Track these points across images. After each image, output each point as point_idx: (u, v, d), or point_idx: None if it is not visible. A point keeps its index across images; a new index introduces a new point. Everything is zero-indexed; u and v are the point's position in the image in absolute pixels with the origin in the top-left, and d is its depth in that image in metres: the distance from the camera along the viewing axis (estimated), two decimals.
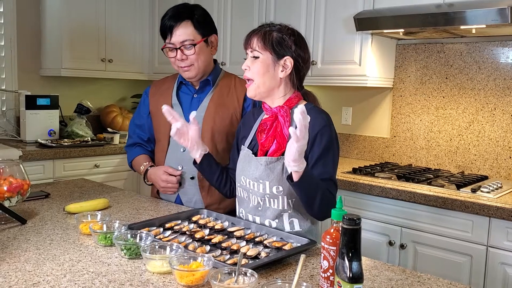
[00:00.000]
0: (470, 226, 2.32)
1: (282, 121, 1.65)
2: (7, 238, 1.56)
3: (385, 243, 2.61)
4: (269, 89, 1.66)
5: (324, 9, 3.19)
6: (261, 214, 1.68)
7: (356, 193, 2.69)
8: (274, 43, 1.63)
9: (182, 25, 1.97)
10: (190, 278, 1.22)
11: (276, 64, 1.64)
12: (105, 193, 2.24)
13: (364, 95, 3.48)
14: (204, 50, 2.02)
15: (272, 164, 1.63)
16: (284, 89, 1.68)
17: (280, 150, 1.63)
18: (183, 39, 1.97)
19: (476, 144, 2.97)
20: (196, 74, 2.04)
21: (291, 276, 1.32)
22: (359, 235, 1.08)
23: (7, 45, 3.81)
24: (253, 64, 1.65)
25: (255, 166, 1.67)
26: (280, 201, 1.64)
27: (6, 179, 1.75)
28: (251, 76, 1.66)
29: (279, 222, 1.66)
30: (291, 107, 1.67)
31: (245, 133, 1.82)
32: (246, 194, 1.72)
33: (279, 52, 1.63)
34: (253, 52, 1.65)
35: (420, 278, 1.35)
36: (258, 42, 1.64)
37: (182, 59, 1.99)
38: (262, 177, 1.64)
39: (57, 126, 3.81)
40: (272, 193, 1.63)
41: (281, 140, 1.64)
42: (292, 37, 1.65)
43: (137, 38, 4.30)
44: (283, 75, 1.65)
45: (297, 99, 1.69)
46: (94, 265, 1.35)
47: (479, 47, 2.93)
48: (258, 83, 1.65)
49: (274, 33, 1.64)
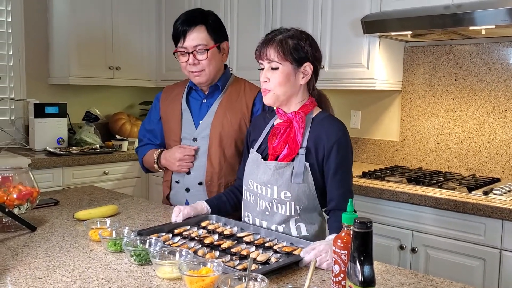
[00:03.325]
0: (482, 229, 2.29)
1: (297, 126, 1.64)
2: (17, 246, 1.56)
3: (396, 247, 2.58)
4: (288, 97, 1.65)
5: (331, 12, 3.18)
6: (268, 219, 1.67)
7: (366, 197, 2.67)
8: (293, 52, 1.60)
9: (196, 30, 1.96)
10: (200, 283, 1.21)
11: (297, 72, 1.63)
12: (114, 199, 2.24)
13: (373, 99, 3.46)
14: (216, 56, 2.02)
15: (282, 169, 1.62)
16: (301, 95, 1.68)
17: (291, 155, 1.62)
18: (196, 44, 1.96)
19: (487, 146, 2.94)
20: (206, 80, 2.03)
21: (302, 281, 1.31)
22: (370, 238, 1.07)
23: (15, 55, 3.84)
24: (273, 75, 1.62)
25: (264, 171, 1.66)
26: (288, 207, 1.62)
27: (16, 186, 1.76)
28: (272, 87, 1.63)
29: (286, 227, 1.65)
30: (306, 113, 1.66)
31: (255, 136, 1.81)
32: (253, 198, 1.71)
33: (299, 60, 1.61)
34: (271, 63, 1.61)
35: (433, 282, 1.33)
36: (276, 53, 1.60)
37: (194, 63, 1.98)
38: (270, 182, 1.63)
39: (65, 134, 3.83)
40: (280, 198, 1.62)
41: (293, 145, 1.63)
42: (307, 41, 1.64)
43: (144, 46, 4.31)
44: (304, 82, 1.64)
45: (312, 106, 1.69)
46: (104, 271, 1.35)
47: (489, 48, 2.91)
48: (278, 94, 1.63)
49: (289, 40, 1.61)
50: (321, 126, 1.64)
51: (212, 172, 2.03)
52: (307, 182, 1.61)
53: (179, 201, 2.11)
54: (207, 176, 2.04)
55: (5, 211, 1.65)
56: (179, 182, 2.11)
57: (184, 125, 2.09)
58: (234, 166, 2.04)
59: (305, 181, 1.60)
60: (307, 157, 1.62)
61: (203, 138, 2.05)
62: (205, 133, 2.04)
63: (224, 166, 2.03)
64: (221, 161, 2.03)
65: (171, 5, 4.24)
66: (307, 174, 1.61)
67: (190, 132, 2.08)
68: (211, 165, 2.03)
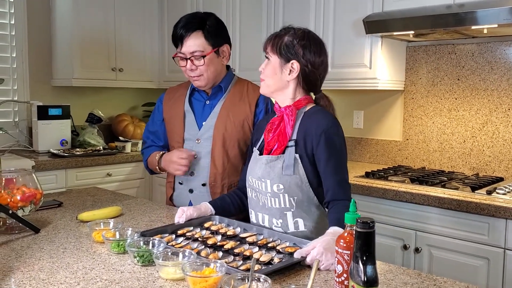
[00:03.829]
0: (486, 228, 2.29)
1: (287, 119, 1.68)
2: (21, 247, 1.56)
3: (399, 247, 2.58)
4: (277, 89, 1.72)
5: (333, 13, 3.18)
6: (269, 213, 1.71)
7: (369, 197, 2.67)
8: (282, 47, 1.68)
9: (193, 36, 1.97)
10: (203, 284, 1.21)
11: (283, 67, 1.68)
12: (117, 201, 2.24)
13: (375, 98, 3.46)
14: (214, 61, 2.02)
15: (272, 163, 1.66)
16: (293, 91, 1.70)
17: (281, 148, 1.67)
18: (193, 50, 1.97)
19: (491, 146, 2.93)
20: (205, 84, 2.04)
21: (305, 281, 1.31)
22: (373, 238, 1.07)
23: (18, 57, 3.85)
24: (266, 66, 1.73)
25: (259, 166, 1.71)
26: (282, 199, 1.65)
27: (19, 188, 1.76)
28: (264, 77, 1.73)
29: (283, 222, 1.67)
30: (298, 108, 1.70)
31: (258, 135, 1.85)
32: (254, 194, 1.75)
33: (286, 56, 1.68)
34: (267, 54, 1.72)
35: (436, 281, 1.33)
36: (269, 45, 1.72)
37: (192, 69, 2.00)
38: (264, 176, 1.68)
39: (69, 136, 3.84)
40: (273, 191, 1.66)
41: (283, 138, 1.68)
42: (302, 42, 1.67)
43: (146, 47, 4.32)
44: (290, 78, 1.69)
45: (306, 101, 1.72)
46: (107, 272, 1.35)
47: (491, 47, 2.90)
48: (268, 83, 1.72)
49: (285, 37, 1.69)
50: (312, 118, 1.67)
51: (216, 173, 2.03)
52: (298, 173, 1.63)
53: (182, 202, 2.11)
54: (211, 177, 2.04)
55: (8, 213, 1.66)
56: (183, 183, 2.11)
57: (187, 127, 2.10)
58: (238, 167, 2.04)
59: (296, 173, 1.63)
60: (297, 149, 1.65)
61: (206, 139, 2.05)
62: (208, 134, 2.05)
63: (228, 167, 2.04)
64: (224, 162, 2.03)
65: (174, 6, 4.24)
66: (298, 166, 1.63)
67: (193, 133, 2.08)
68: (214, 166, 2.03)
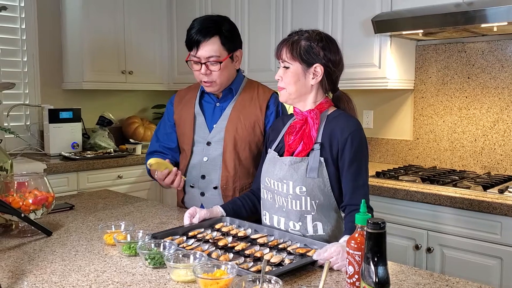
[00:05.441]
0: (498, 227, 2.27)
1: (311, 122, 1.67)
2: (33, 250, 1.58)
3: (411, 247, 2.57)
4: (300, 95, 1.69)
5: (341, 12, 3.17)
6: (286, 216, 1.68)
7: (380, 197, 2.66)
8: (302, 52, 1.65)
9: (210, 41, 1.94)
10: (215, 286, 1.21)
11: (307, 72, 1.66)
12: (128, 203, 2.25)
13: (385, 98, 3.45)
14: (229, 66, 2.01)
15: (296, 164, 1.64)
16: (315, 95, 1.70)
17: (306, 150, 1.66)
18: (209, 55, 1.95)
19: (502, 144, 2.91)
20: (217, 90, 2.04)
21: (316, 282, 1.30)
22: (384, 239, 1.06)
23: (29, 61, 3.88)
24: (285, 74, 1.68)
25: (280, 167, 1.68)
26: (303, 202, 1.64)
27: (31, 192, 1.78)
28: (284, 86, 1.69)
29: (303, 225, 1.66)
30: (321, 111, 1.69)
31: (274, 137, 1.83)
32: (270, 195, 1.73)
33: (308, 61, 1.65)
34: (284, 62, 1.68)
35: (448, 282, 1.32)
36: (287, 52, 1.67)
37: (206, 73, 1.98)
38: (286, 177, 1.65)
39: (80, 139, 3.86)
40: (295, 194, 1.64)
41: (308, 141, 1.66)
42: (320, 43, 1.66)
43: (156, 50, 4.34)
44: (314, 82, 1.67)
45: (328, 105, 1.71)
46: (119, 275, 1.36)
47: (501, 45, 2.88)
48: (290, 91, 1.69)
49: (302, 41, 1.66)
50: (336, 122, 1.66)
51: (227, 176, 2.03)
52: (322, 177, 1.62)
53: (194, 205, 2.09)
54: (222, 180, 2.04)
55: (21, 216, 1.67)
56: (194, 186, 2.11)
57: (197, 129, 2.10)
58: (249, 170, 2.04)
59: (320, 176, 1.62)
60: (322, 152, 1.64)
61: (217, 142, 2.05)
62: (219, 136, 2.04)
63: (239, 170, 2.03)
64: (236, 165, 2.03)
65: (183, 9, 4.26)
66: (322, 169, 1.62)
67: (204, 136, 2.08)
68: (226, 169, 2.03)
